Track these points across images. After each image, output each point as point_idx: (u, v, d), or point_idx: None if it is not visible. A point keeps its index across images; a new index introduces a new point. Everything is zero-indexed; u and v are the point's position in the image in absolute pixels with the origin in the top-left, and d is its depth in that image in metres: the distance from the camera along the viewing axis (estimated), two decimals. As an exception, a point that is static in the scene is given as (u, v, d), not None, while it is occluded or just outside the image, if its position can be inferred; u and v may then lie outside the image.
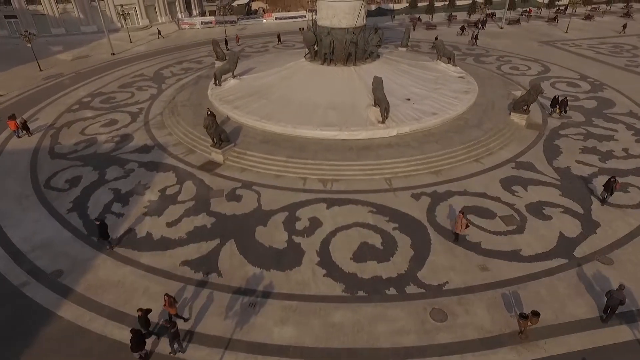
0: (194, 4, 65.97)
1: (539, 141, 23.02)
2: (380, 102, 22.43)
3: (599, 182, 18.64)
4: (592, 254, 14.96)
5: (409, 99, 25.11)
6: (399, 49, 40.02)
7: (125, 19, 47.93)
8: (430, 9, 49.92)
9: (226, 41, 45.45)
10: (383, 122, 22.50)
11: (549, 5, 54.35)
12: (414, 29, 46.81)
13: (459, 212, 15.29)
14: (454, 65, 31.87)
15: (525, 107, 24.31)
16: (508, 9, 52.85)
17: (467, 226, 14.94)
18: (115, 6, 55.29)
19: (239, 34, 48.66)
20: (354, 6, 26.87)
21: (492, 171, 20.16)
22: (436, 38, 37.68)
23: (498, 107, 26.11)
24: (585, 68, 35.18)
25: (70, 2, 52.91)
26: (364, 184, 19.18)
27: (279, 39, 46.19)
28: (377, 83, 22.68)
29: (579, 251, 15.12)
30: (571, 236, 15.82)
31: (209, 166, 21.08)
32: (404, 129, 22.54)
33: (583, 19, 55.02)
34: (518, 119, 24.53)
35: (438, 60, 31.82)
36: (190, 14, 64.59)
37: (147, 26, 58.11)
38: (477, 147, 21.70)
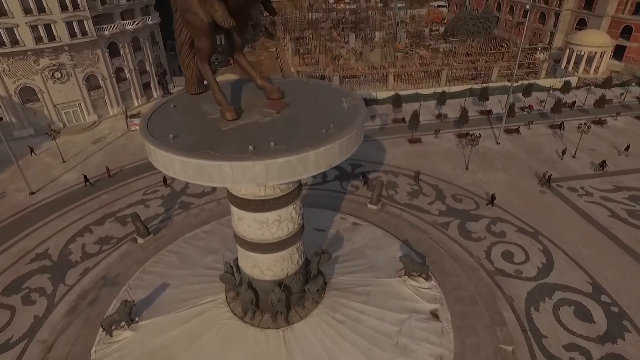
0: (155, 85, 58.90)
1: None
2: None
3: None
4: None
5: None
6: (369, 206, 32.97)
7: (54, 137, 40.83)
8: (414, 121, 42.46)
9: (85, 178, 37.24)
10: None
11: (554, 109, 46.72)
12: (416, 181, 36.72)
13: None
14: (427, 279, 24.59)
15: None
16: (508, 114, 45.10)
17: None
18: (54, 105, 48.49)
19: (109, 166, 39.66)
20: (282, 256, 19.62)
21: None
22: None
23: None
24: (600, 259, 27.63)
25: (0, 106, 45.96)
26: None
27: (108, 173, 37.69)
28: None
29: None
30: None
31: None
32: None
33: (594, 123, 47.32)
34: None
35: (406, 277, 24.44)
36: (149, 99, 57.60)
37: (95, 123, 51.21)
38: None
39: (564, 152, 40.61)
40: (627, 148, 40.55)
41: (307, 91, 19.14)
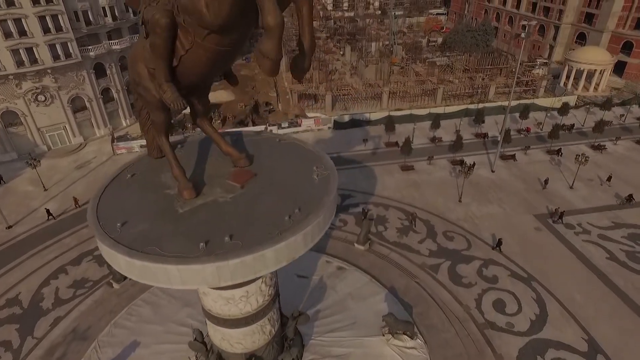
0: (143, 104, 57.48)
1: None
2: None
3: None
4: None
5: None
6: (356, 246, 31.65)
7: (34, 166, 39.55)
8: (407, 148, 41.17)
9: (48, 212, 36.07)
10: None
11: (551, 135, 45.28)
12: (414, 224, 34.14)
13: None
14: (412, 337, 23.25)
15: None
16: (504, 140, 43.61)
17: None
18: (38, 129, 47.29)
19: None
20: (253, 330, 18.30)
21: None
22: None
23: None
24: (596, 310, 26.20)
25: (-19, 131, 44.85)
26: None
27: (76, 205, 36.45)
28: None
29: None
30: None
31: None
32: None
33: (592, 149, 46.00)
34: None
35: (390, 336, 23.10)
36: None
37: (81, 145, 49.99)
38: None
39: (546, 181, 39.00)
40: (609, 179, 39.22)
41: (278, 155, 17.80)
